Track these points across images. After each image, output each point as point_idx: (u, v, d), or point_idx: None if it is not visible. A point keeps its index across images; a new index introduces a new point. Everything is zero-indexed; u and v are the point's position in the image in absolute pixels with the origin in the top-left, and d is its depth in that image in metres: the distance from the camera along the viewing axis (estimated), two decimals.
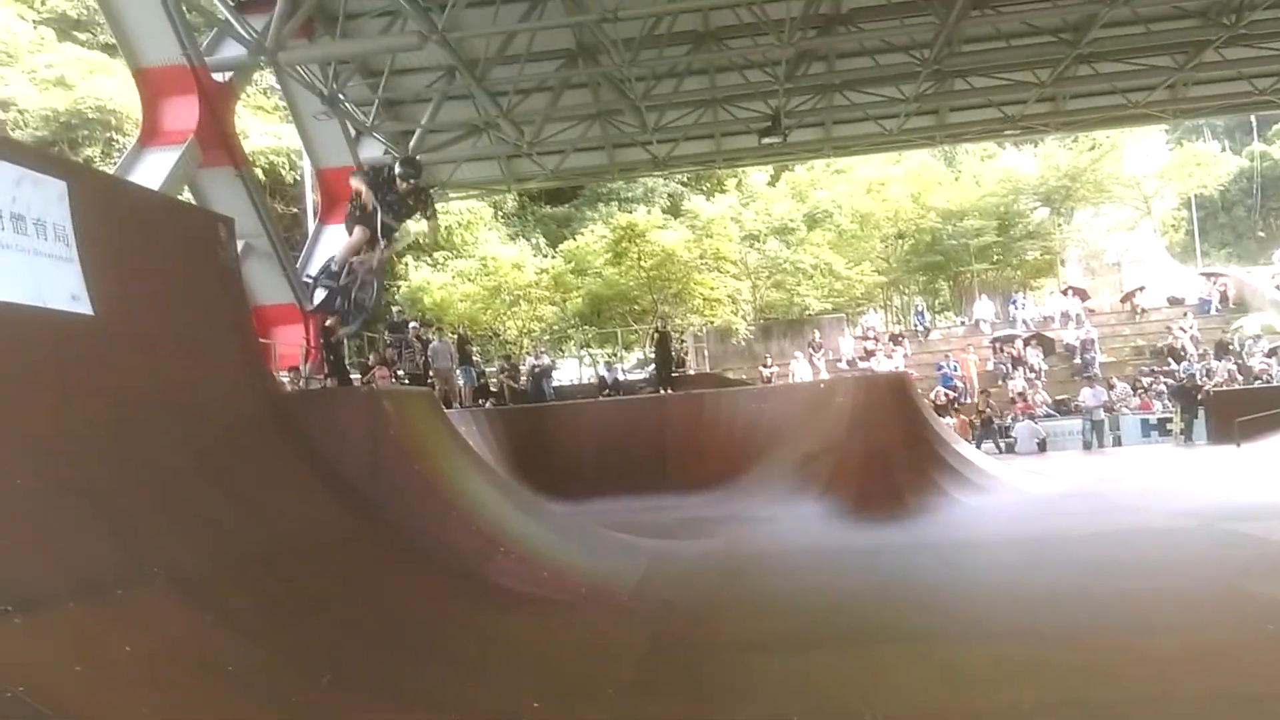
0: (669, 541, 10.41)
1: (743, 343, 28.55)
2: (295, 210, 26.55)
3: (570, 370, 27.83)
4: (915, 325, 29.05)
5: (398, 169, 8.02)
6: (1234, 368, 22.62)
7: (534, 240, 33.94)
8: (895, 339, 27.23)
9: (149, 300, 5.67)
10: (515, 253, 31.27)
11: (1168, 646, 5.66)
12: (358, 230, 7.75)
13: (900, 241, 32.66)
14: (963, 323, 29.54)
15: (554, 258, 31.98)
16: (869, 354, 26.14)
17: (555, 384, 21.51)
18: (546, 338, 28.93)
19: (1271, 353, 23.11)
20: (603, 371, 23.15)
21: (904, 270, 33.10)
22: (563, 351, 29.94)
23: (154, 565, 4.28)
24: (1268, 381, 21.62)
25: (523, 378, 20.82)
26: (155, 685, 3.62)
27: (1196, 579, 7.61)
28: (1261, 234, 40.81)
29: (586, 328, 30.64)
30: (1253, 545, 8.78)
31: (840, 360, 26.23)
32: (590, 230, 31.95)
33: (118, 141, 25.04)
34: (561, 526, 9.23)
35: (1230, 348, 23.79)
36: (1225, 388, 21.29)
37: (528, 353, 24.01)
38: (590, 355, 29.50)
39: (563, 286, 30.02)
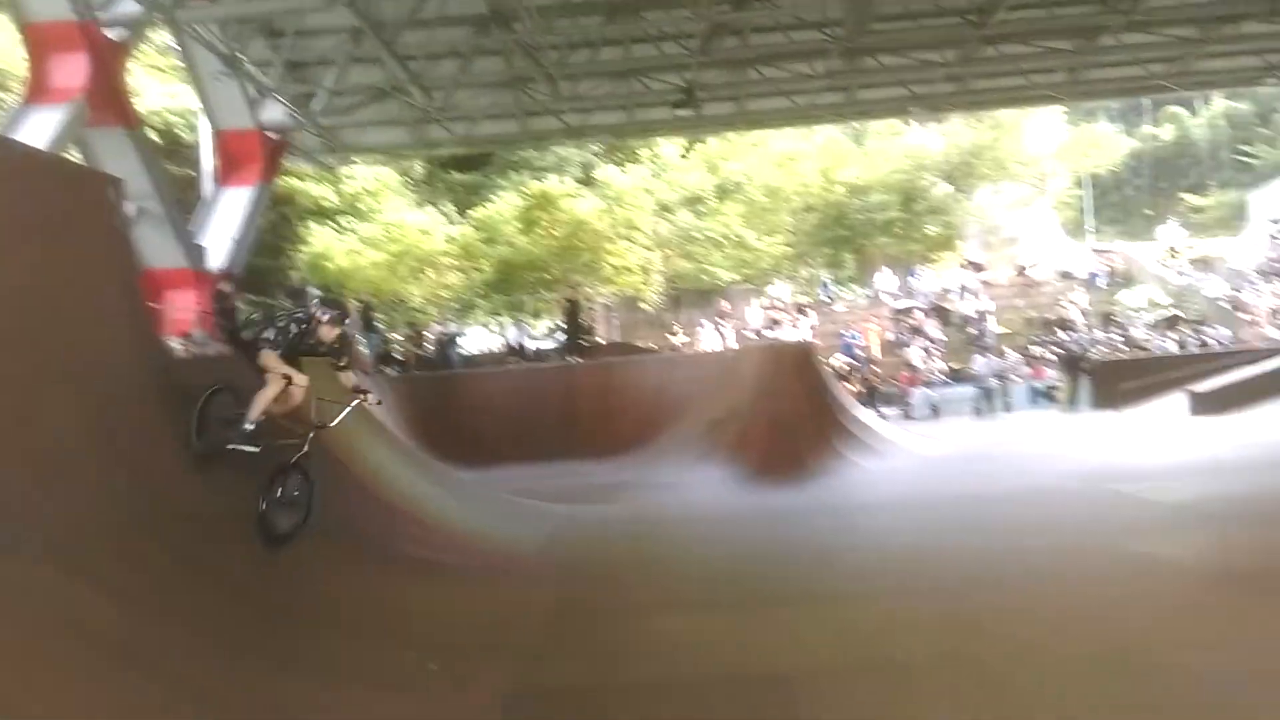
0: (577, 507, 10.50)
1: (652, 312, 28.71)
2: (193, 173, 25.51)
3: (478, 339, 27.56)
4: (820, 296, 29.65)
5: (324, 315, 6.67)
6: (1118, 338, 23.81)
7: (443, 207, 33.34)
8: (801, 309, 27.77)
9: (31, 262, 5.42)
10: (423, 220, 30.68)
11: (1049, 603, 5.97)
12: (272, 382, 6.35)
13: (809, 215, 33.18)
14: (866, 295, 30.27)
15: (463, 225, 31.51)
16: (775, 324, 26.62)
17: (462, 352, 21.31)
18: (454, 306, 28.56)
19: (1153, 324, 24.41)
20: (513, 335, 22.95)
21: (811, 243, 33.65)
22: (470, 320, 29.64)
23: (32, 534, 4.14)
24: (1148, 351, 22.85)
25: (429, 345, 20.57)
26: (30, 659, 3.51)
27: (1080, 538, 7.99)
28: (1149, 212, 42.74)
29: (495, 296, 30.36)
30: (1132, 505, 9.28)
31: (748, 329, 26.63)
32: (501, 198, 31.54)
33: (1, 99, 23.61)
34: (467, 493, 9.22)
35: (1115, 319, 25.02)
36: (1109, 357, 22.39)
37: (435, 320, 23.65)
38: (499, 322, 29.25)
39: (472, 254, 29.64)
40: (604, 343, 23.44)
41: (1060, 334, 24.47)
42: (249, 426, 6.17)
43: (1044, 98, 23.49)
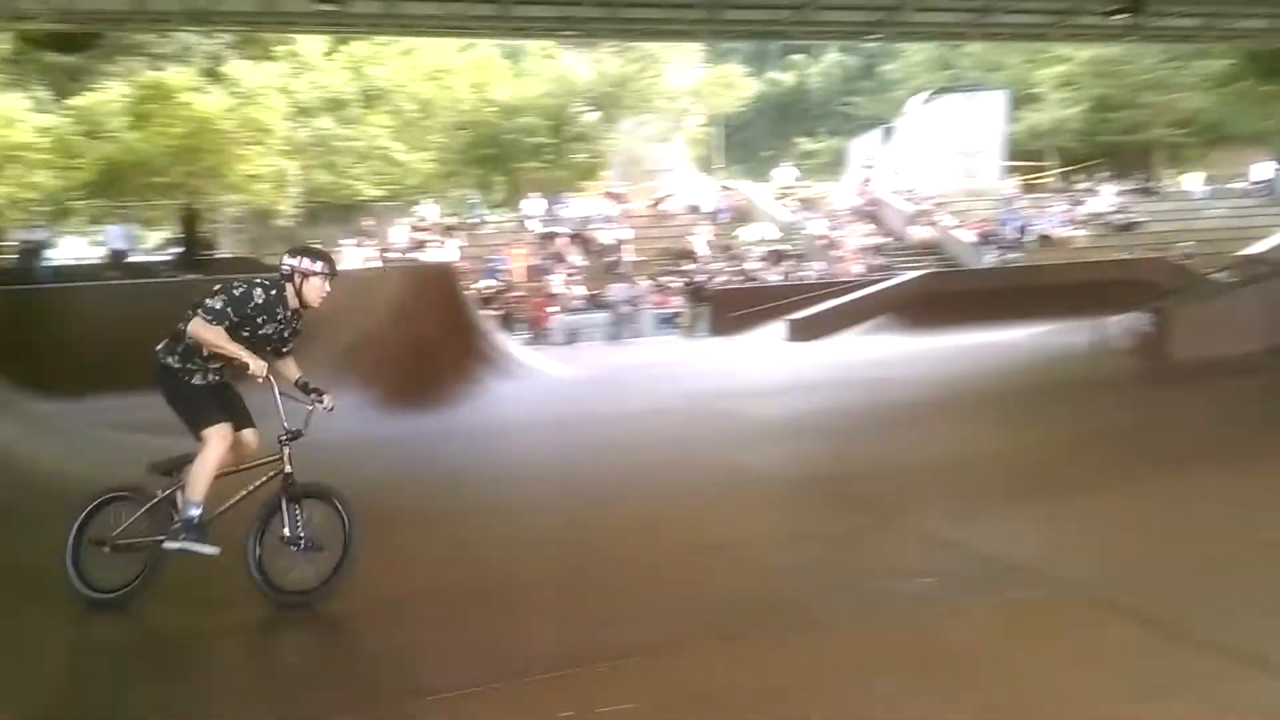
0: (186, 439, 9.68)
1: (287, 227, 26.92)
2: None
3: (74, 248, 24.18)
4: (469, 219, 29.46)
5: (314, 264, 4.77)
6: (733, 270, 26.21)
7: (34, 92, 28.45)
8: (448, 231, 27.43)
9: None
10: (8, 105, 26.02)
11: (659, 510, 6.64)
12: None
13: (460, 132, 32.66)
14: (515, 220, 30.54)
15: (59, 115, 27.17)
16: (421, 244, 26.10)
17: (52, 263, 18.53)
18: (44, 209, 24.73)
19: (764, 257, 27.16)
20: (116, 242, 20.20)
21: (462, 162, 33.24)
22: (64, 227, 25.89)
23: None
24: (758, 283, 25.41)
25: (9, 254, 17.70)
26: None
27: (688, 450, 8.95)
28: (768, 153, 47.19)
29: (97, 200, 26.70)
30: (729, 420, 10.55)
31: (392, 250, 25.86)
32: (108, 86, 27.54)
33: None
34: (43, 426, 8.13)
35: (732, 252, 27.52)
36: (725, 287, 24.58)
37: (18, 226, 20.37)
38: (101, 230, 25.89)
39: (68, 150, 25.71)
40: (229, 258, 21.53)
41: (686, 265, 26.41)
42: (194, 513, 4.49)
43: (683, 33, 24.63)
